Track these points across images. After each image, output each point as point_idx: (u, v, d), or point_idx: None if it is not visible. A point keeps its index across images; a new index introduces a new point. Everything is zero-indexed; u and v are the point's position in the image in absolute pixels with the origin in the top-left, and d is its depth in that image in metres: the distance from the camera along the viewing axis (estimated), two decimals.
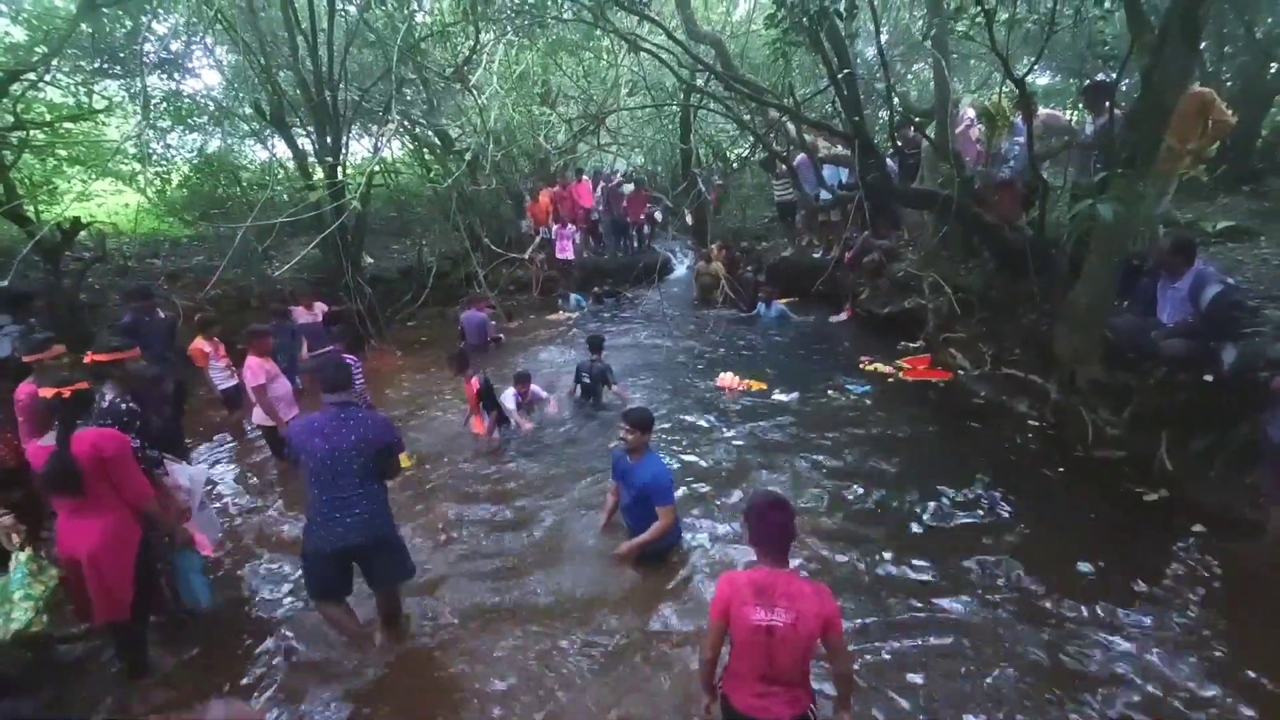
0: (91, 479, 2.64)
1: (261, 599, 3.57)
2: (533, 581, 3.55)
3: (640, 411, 3.68)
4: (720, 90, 7.87)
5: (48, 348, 3.48)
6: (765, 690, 2.07)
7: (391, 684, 2.89)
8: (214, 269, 7.51)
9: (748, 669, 2.08)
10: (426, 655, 3.05)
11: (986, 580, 3.34)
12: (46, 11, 8.78)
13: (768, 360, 7.21)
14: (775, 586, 2.05)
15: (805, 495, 4.18)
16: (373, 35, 8.60)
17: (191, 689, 2.88)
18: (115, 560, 2.76)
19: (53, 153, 9.28)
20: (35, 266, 6.60)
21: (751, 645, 2.04)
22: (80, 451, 2.60)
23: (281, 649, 3.15)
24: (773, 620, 2.00)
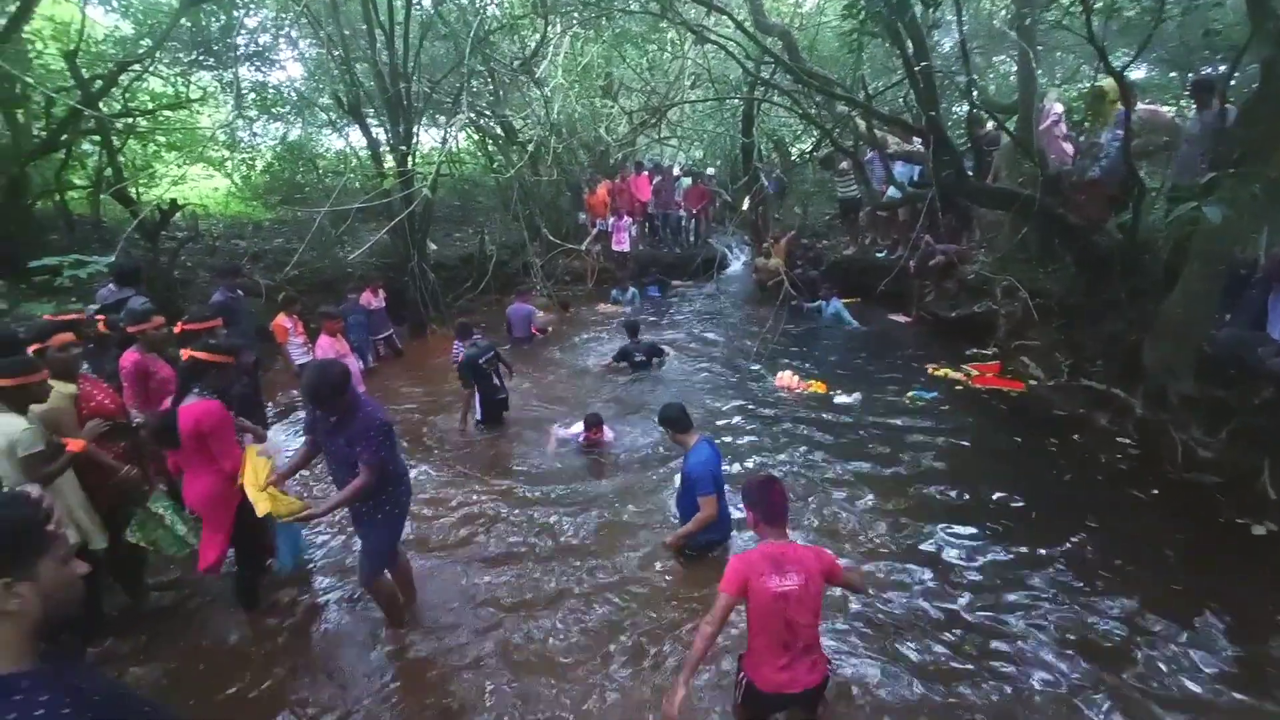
0: (192, 444, 2.90)
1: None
2: (572, 571, 3.55)
3: (666, 409, 3.66)
4: (787, 83, 7.71)
5: (149, 319, 3.75)
6: (789, 661, 2.20)
7: (418, 670, 2.94)
8: (292, 251, 7.93)
9: (767, 642, 2.20)
10: (461, 642, 3.07)
11: (1061, 622, 2.94)
12: (151, 6, 9.43)
13: (827, 360, 7.04)
14: (785, 555, 2.24)
15: (863, 503, 4.05)
16: (445, 29, 8.85)
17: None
18: (211, 518, 3.01)
19: (153, 139, 10.00)
20: (136, 244, 7.13)
21: (771, 614, 2.17)
22: (183, 422, 2.86)
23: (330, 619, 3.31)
24: (787, 585, 2.17)
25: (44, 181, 7.94)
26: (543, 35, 8.93)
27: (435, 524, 4.11)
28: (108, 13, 9.34)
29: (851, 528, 3.81)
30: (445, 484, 4.65)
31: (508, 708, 2.68)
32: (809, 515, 3.94)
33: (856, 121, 7.47)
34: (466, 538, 3.95)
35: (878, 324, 8.28)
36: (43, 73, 7.88)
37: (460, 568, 3.63)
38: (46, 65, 8.11)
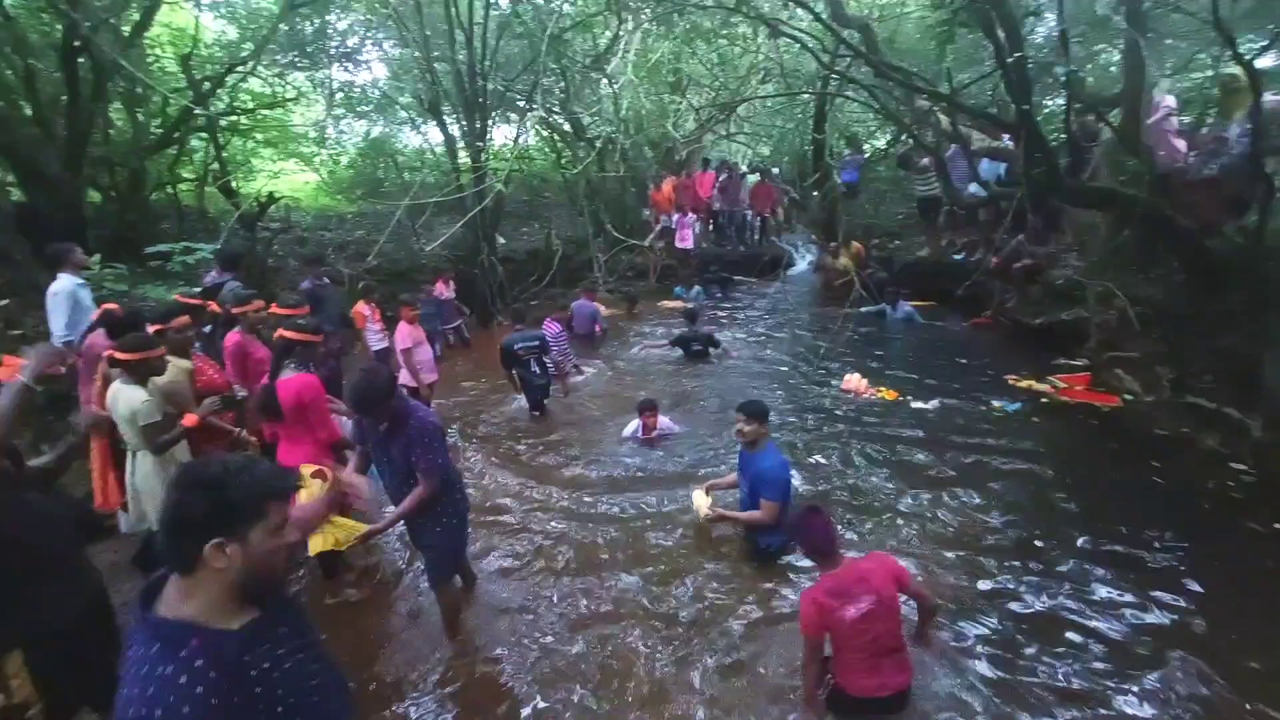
0: (293, 415, 3.12)
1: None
2: (624, 568, 3.52)
3: (755, 402, 3.58)
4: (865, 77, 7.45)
5: (250, 303, 4.04)
6: (877, 665, 2.24)
7: (468, 658, 2.94)
8: (373, 242, 8.34)
9: (855, 655, 2.24)
10: (511, 632, 3.07)
11: (1160, 685, 2.54)
12: (254, 12, 10.11)
13: (898, 366, 6.77)
14: (848, 581, 2.26)
15: (936, 521, 3.83)
16: (521, 28, 9.06)
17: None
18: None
19: (252, 136, 10.74)
20: (235, 233, 7.68)
21: (855, 635, 2.22)
22: (284, 395, 3.06)
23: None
24: (862, 608, 2.21)
25: (158, 175, 8.67)
26: (616, 33, 8.98)
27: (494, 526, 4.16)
28: (216, 18, 10.11)
29: (920, 554, 3.56)
30: (494, 478, 4.73)
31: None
32: (869, 539, 3.74)
33: (939, 116, 7.14)
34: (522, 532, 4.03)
35: (953, 330, 7.90)
36: (159, 75, 8.62)
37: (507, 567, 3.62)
38: (163, 68, 8.86)
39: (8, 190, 6.69)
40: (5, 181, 6.85)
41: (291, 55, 10.20)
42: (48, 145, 6.40)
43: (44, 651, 2.01)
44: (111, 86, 7.30)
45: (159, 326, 3.37)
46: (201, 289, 5.17)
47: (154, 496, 3.01)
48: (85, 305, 4.43)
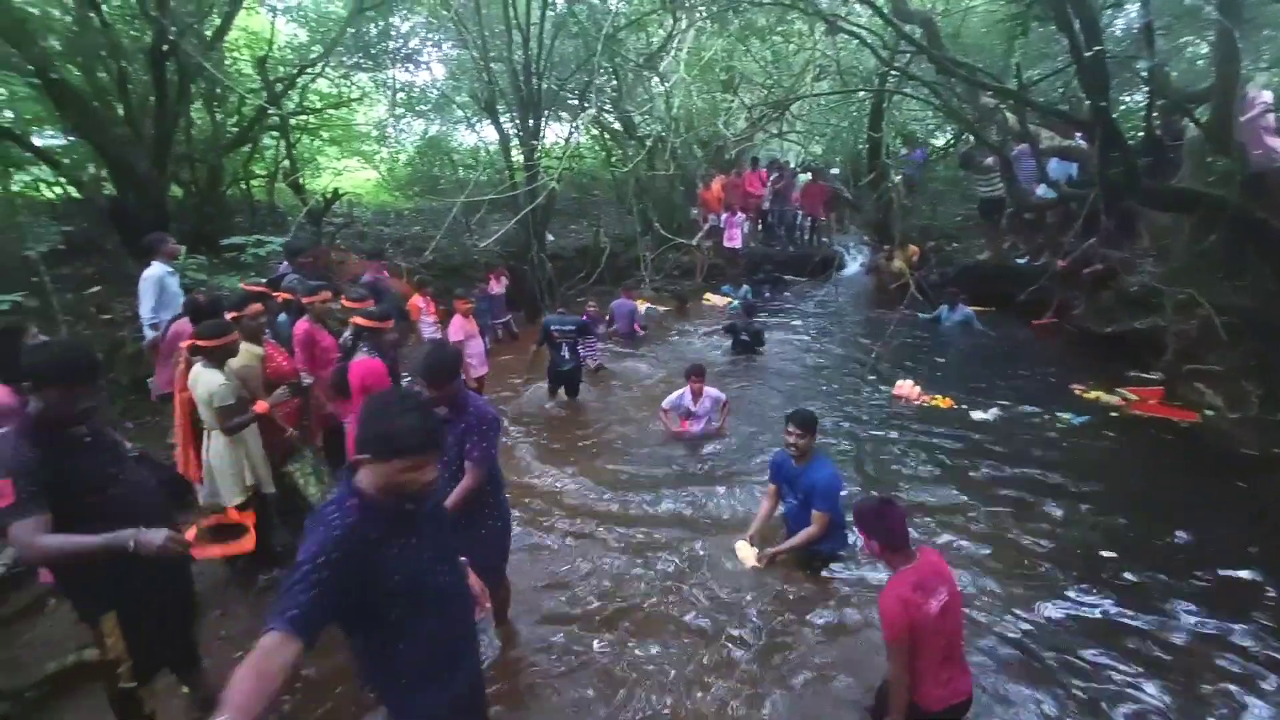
0: (358, 396, 3.26)
1: None
2: (666, 576, 3.46)
3: (805, 412, 3.46)
4: (926, 74, 7.21)
5: (319, 293, 4.23)
6: (949, 675, 2.17)
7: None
8: (428, 237, 8.60)
9: (929, 662, 2.14)
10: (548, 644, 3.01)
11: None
12: (323, 16, 10.56)
13: (954, 372, 6.55)
14: (923, 574, 2.18)
15: (996, 538, 3.65)
16: (576, 27, 9.16)
17: None
18: None
19: (318, 134, 11.23)
20: (302, 228, 8.06)
21: (935, 635, 2.12)
22: (352, 376, 3.25)
23: None
24: (942, 600, 2.14)
25: (233, 171, 9.17)
26: (670, 31, 8.97)
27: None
28: (288, 22, 10.60)
29: (979, 572, 3.38)
30: (542, 474, 4.77)
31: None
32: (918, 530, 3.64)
33: (1005, 114, 6.85)
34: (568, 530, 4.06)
35: (1014, 336, 7.56)
36: (236, 76, 9.10)
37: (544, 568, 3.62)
38: (239, 70, 9.36)
39: (101, 185, 7.20)
40: (99, 178, 7.38)
41: (357, 57, 10.60)
42: (137, 144, 6.85)
43: (134, 615, 2.15)
44: (194, 88, 7.76)
45: (235, 314, 3.58)
46: (269, 279, 5.45)
47: (225, 474, 3.19)
48: (172, 291, 4.72)
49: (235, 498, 3.19)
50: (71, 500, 1.99)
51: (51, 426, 2.01)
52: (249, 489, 3.25)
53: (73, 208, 7.37)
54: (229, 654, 2.95)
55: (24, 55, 5.78)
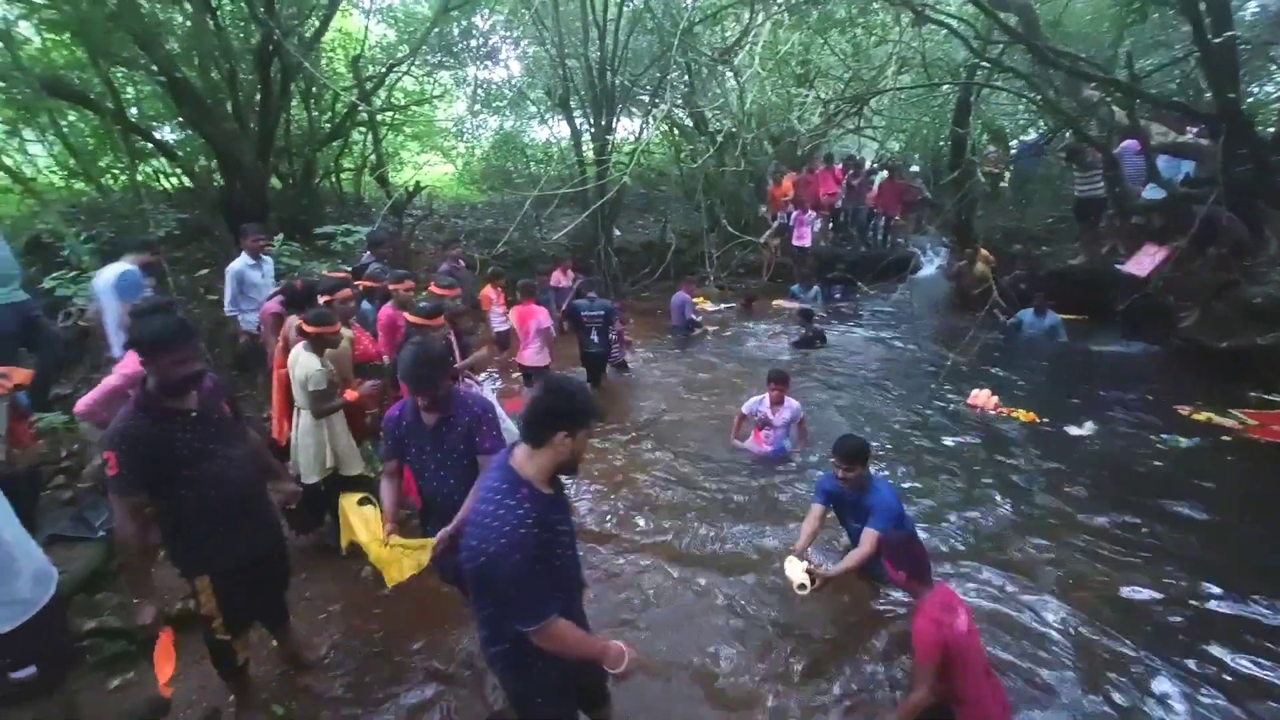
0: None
1: None
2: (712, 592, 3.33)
3: (853, 442, 3.15)
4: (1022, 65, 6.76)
5: (403, 282, 4.45)
6: (992, 685, 2.30)
7: None
8: (500, 230, 8.86)
9: (976, 677, 2.24)
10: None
11: None
12: (410, 15, 11.04)
13: (1039, 385, 6.15)
14: (945, 597, 2.35)
15: (1091, 571, 3.34)
16: (652, 23, 9.16)
17: None
18: None
19: (402, 130, 11.77)
20: (386, 219, 8.48)
21: (971, 651, 2.25)
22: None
23: None
24: (966, 618, 2.29)
25: (325, 165, 9.76)
26: (746, 25, 8.82)
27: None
28: (378, 23, 11.16)
29: (1070, 607, 3.08)
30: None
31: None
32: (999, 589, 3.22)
33: (1111, 108, 6.33)
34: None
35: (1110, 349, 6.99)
36: (331, 75, 9.67)
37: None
38: (334, 69, 9.93)
39: (212, 176, 7.82)
40: (209, 169, 8.03)
41: (440, 56, 11.04)
42: (243, 138, 7.40)
43: (230, 577, 2.32)
44: (293, 86, 8.31)
45: (328, 298, 3.80)
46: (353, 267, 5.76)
47: (307, 453, 3.41)
48: (251, 283, 4.95)
49: (313, 476, 3.40)
50: (170, 472, 2.11)
51: (156, 400, 2.12)
52: (328, 470, 3.45)
53: (186, 196, 8.04)
54: (313, 615, 3.18)
55: (151, 57, 6.35)
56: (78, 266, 4.95)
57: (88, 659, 2.75)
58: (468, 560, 1.67)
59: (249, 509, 2.37)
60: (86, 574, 3.20)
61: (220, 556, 2.28)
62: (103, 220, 6.31)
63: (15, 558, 2.03)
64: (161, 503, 2.13)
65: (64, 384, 4.64)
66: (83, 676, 2.62)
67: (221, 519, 2.26)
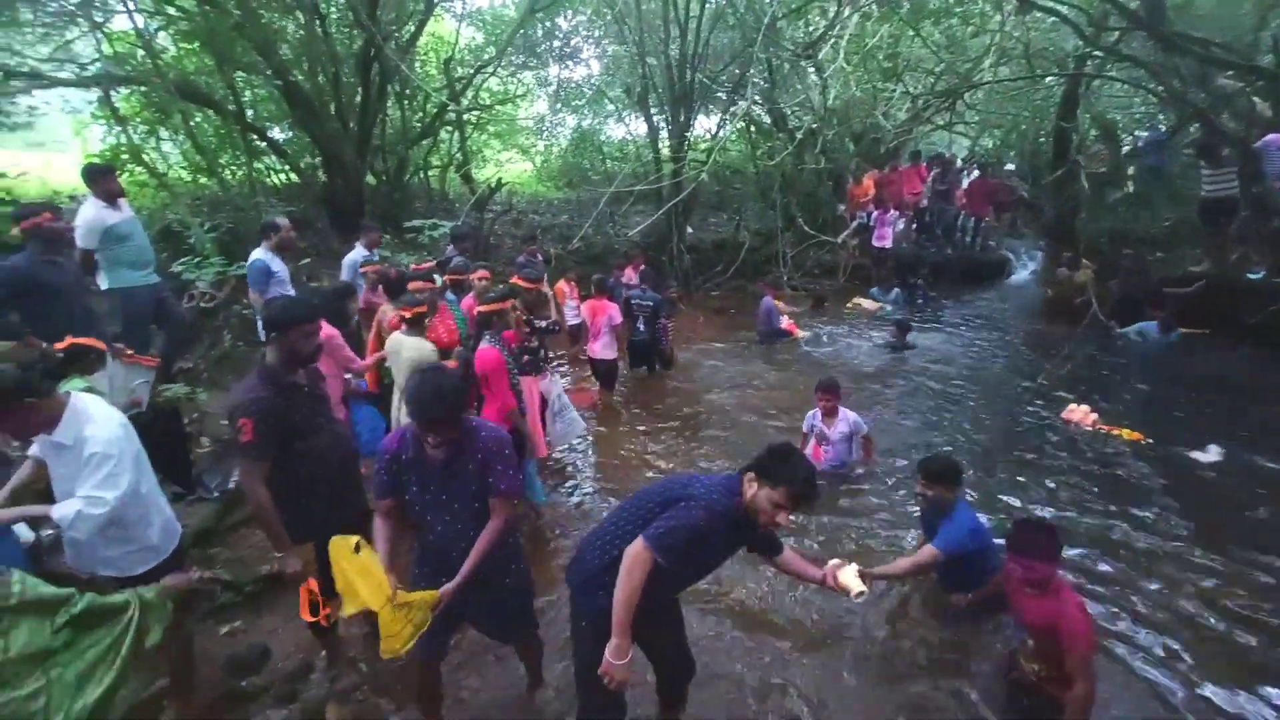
0: (482, 383, 3.48)
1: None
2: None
3: (939, 459, 3.00)
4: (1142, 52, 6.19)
5: (477, 271, 4.64)
6: None
7: None
8: (574, 226, 9.04)
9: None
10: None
11: None
12: (497, 18, 11.46)
13: (1146, 402, 5.62)
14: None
15: (1209, 610, 3.03)
16: (734, 19, 9.06)
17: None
18: None
19: (485, 129, 12.25)
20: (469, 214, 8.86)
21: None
22: (476, 364, 3.46)
23: None
24: None
25: (415, 162, 10.30)
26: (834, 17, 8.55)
27: None
28: (467, 26, 11.65)
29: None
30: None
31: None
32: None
33: (1251, 99, 5.69)
34: None
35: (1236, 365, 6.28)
36: (423, 77, 10.19)
37: None
38: (426, 71, 10.47)
39: (316, 173, 8.44)
40: (314, 166, 8.66)
41: (523, 56, 11.40)
42: (344, 137, 7.94)
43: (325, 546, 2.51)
44: (390, 88, 8.82)
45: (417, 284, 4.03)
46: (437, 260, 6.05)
47: None
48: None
49: None
50: (288, 442, 2.31)
51: (279, 373, 2.35)
52: None
53: (293, 191, 8.71)
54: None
55: (268, 63, 6.92)
56: (201, 253, 5.47)
57: (203, 606, 3.03)
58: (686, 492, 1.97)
59: (349, 480, 2.56)
60: (200, 530, 3.54)
61: (325, 525, 2.44)
62: (223, 212, 6.92)
63: (149, 509, 2.29)
64: (277, 472, 2.32)
65: (186, 359, 5.14)
66: (198, 622, 2.90)
67: (326, 489, 2.44)
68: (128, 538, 2.22)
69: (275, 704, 2.64)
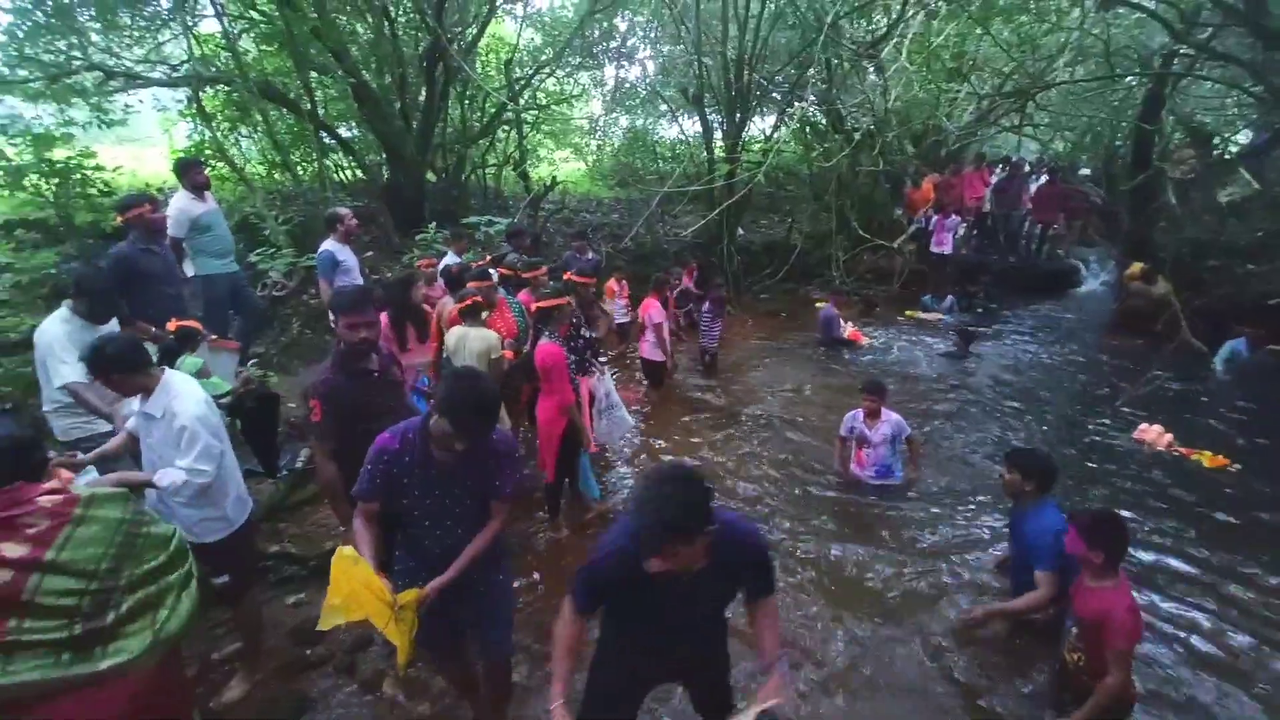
0: (542, 377, 3.54)
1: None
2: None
3: (1026, 453, 3.02)
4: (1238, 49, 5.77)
5: (538, 268, 4.74)
6: None
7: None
8: (625, 224, 9.09)
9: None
10: None
11: None
12: (556, 20, 11.62)
13: (1230, 424, 5.25)
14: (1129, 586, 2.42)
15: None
16: (795, 19, 8.92)
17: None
18: (546, 436, 3.66)
19: (541, 128, 12.45)
20: (524, 212, 9.03)
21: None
22: (536, 358, 3.52)
23: None
24: None
25: (473, 160, 10.57)
26: (899, 15, 8.32)
27: None
28: (525, 28, 11.87)
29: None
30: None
31: None
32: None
33: None
34: None
35: None
36: (484, 77, 10.44)
37: None
38: (486, 72, 10.72)
39: (381, 170, 8.78)
40: (379, 163, 9.01)
41: (580, 57, 11.53)
42: (407, 135, 8.22)
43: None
44: (451, 88, 9.09)
45: (475, 283, 4.14)
46: (493, 256, 6.20)
47: None
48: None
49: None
50: (355, 424, 2.39)
51: (350, 359, 2.48)
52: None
53: (359, 186, 9.09)
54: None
55: (341, 64, 7.24)
56: (275, 245, 5.77)
57: (270, 578, 3.21)
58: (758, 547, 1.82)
59: None
60: (270, 506, 3.75)
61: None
62: (295, 205, 7.28)
63: (227, 481, 2.44)
64: (347, 452, 2.41)
65: (258, 344, 5.44)
66: (266, 591, 3.07)
67: None
68: (208, 503, 2.38)
69: (336, 674, 2.77)
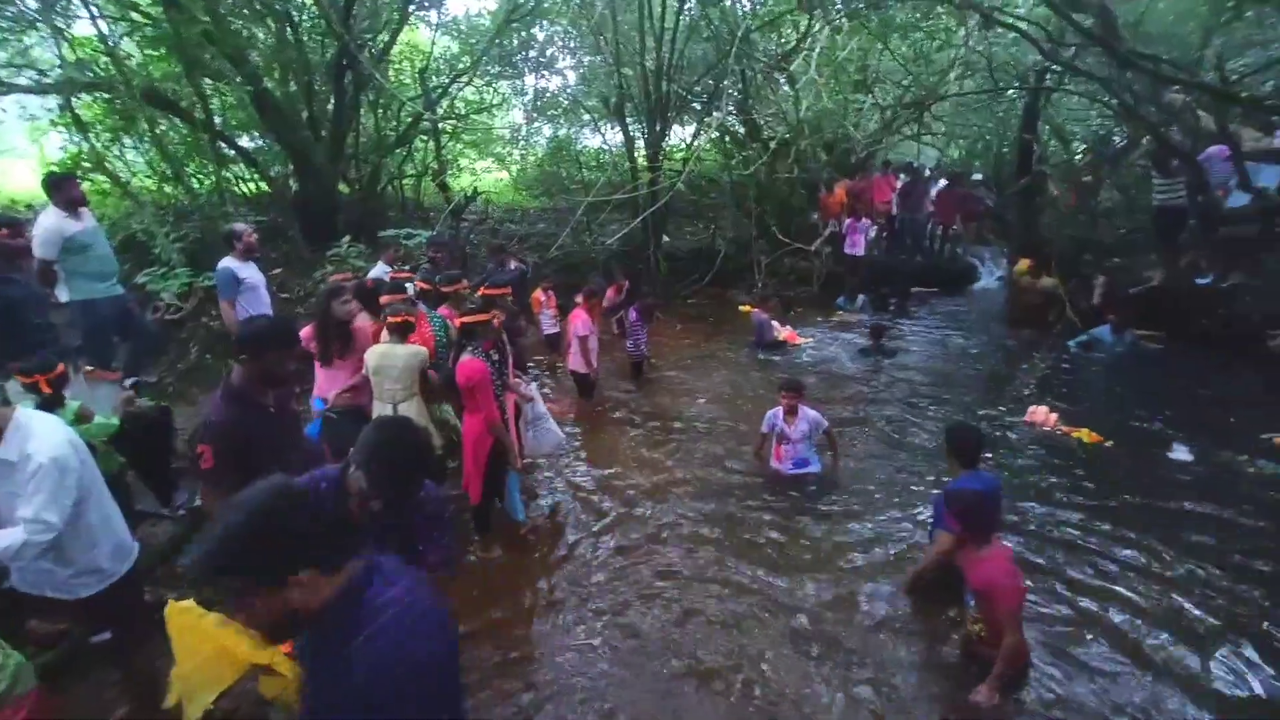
0: (465, 394, 3.44)
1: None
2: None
3: (950, 430, 3.26)
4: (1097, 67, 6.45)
5: (458, 282, 4.61)
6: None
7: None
8: (551, 235, 9.04)
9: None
10: None
11: None
12: (473, 28, 11.43)
13: (1105, 404, 5.82)
14: (1009, 552, 2.76)
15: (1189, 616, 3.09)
16: (709, 32, 9.20)
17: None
18: (472, 454, 3.56)
19: (460, 137, 12.19)
20: (445, 223, 8.80)
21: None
22: (458, 375, 3.41)
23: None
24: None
25: (389, 171, 10.21)
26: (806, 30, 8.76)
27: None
28: (441, 35, 11.61)
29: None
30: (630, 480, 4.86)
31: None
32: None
33: (1197, 113, 5.97)
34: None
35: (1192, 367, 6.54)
36: (398, 85, 10.12)
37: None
38: (401, 80, 10.39)
39: (288, 182, 8.32)
40: (286, 175, 8.53)
41: (499, 66, 11.39)
42: (316, 146, 7.84)
43: None
44: (363, 96, 8.75)
45: (387, 299, 3.99)
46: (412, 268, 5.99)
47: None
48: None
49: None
50: (254, 464, 2.15)
51: (243, 393, 2.27)
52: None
53: (264, 200, 8.57)
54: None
55: (239, 71, 6.82)
56: (166, 264, 5.35)
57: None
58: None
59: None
60: (168, 547, 3.45)
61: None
62: (190, 221, 6.77)
63: (96, 536, 2.22)
64: None
65: (153, 372, 5.01)
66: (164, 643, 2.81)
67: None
68: (68, 560, 2.16)
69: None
